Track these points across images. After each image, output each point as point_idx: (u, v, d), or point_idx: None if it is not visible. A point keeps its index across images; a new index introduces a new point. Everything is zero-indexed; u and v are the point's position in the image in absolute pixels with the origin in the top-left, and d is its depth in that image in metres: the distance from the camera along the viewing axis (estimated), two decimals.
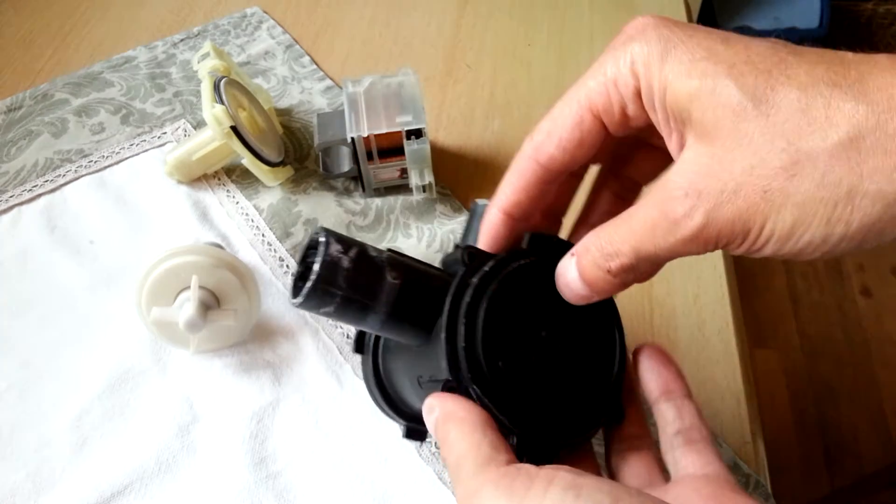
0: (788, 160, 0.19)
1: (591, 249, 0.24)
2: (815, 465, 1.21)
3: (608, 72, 0.24)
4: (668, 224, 0.21)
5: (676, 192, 0.21)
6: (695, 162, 0.21)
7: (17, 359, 0.45)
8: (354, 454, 0.41)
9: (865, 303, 1.43)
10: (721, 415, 0.43)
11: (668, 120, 0.23)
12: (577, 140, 0.25)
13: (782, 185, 0.19)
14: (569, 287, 0.25)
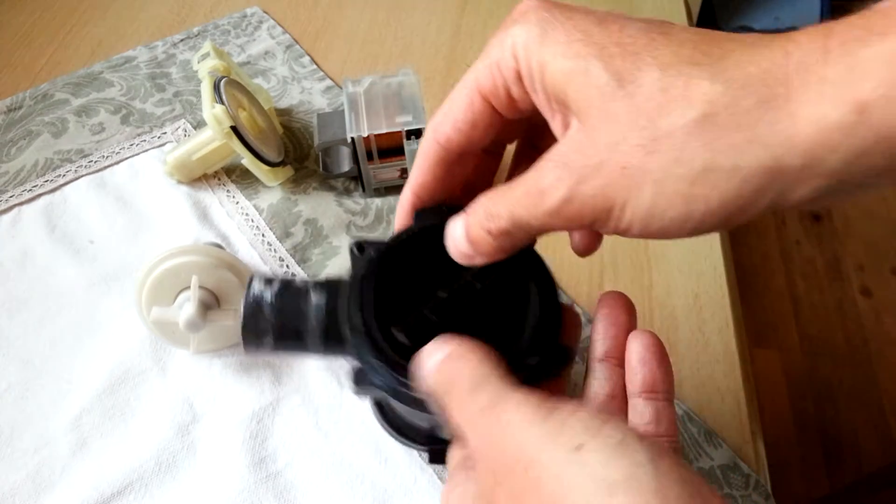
0: (648, 137, 0.20)
1: (478, 211, 0.25)
2: (814, 465, 1.21)
3: (492, 55, 0.24)
4: (537, 193, 0.22)
5: (549, 163, 0.22)
6: (570, 139, 0.22)
7: (17, 359, 0.45)
8: (354, 454, 0.41)
9: (865, 303, 1.43)
10: (721, 415, 0.43)
11: (549, 101, 0.23)
12: (470, 122, 0.26)
13: (641, 162, 0.20)
14: (454, 245, 0.26)
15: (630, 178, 0.20)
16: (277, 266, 0.50)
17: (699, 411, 0.43)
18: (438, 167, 0.28)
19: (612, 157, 0.20)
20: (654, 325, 0.47)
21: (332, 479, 0.40)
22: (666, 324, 0.47)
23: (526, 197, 0.23)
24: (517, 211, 0.23)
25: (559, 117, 0.23)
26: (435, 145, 0.27)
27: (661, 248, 0.51)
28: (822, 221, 1.59)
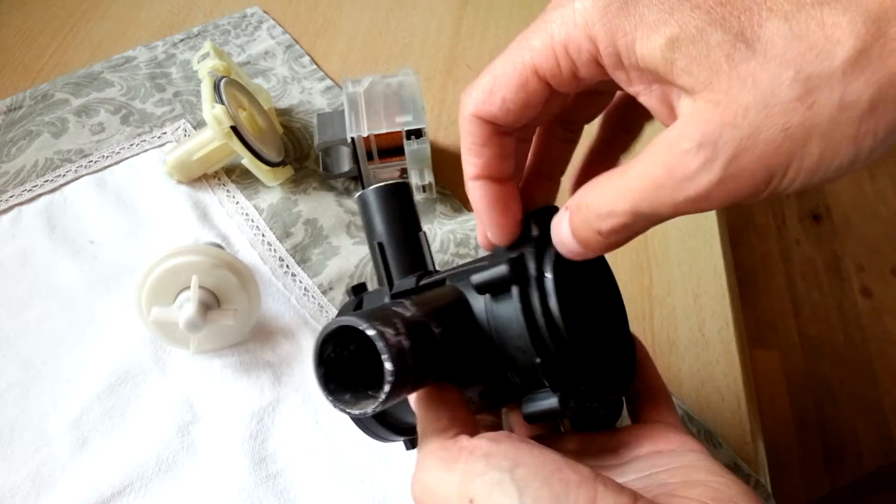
0: (802, 90, 0.18)
1: (581, 207, 0.23)
2: (814, 465, 1.21)
3: (556, 34, 0.22)
4: (677, 181, 0.20)
5: (686, 144, 0.19)
6: (700, 111, 0.20)
7: (17, 359, 0.45)
8: (354, 454, 0.41)
9: (865, 303, 1.43)
10: (721, 415, 0.43)
11: (642, 77, 0.21)
12: (523, 101, 0.23)
13: (803, 117, 0.18)
14: (563, 244, 0.24)
15: (793, 139, 0.19)
16: (277, 266, 0.50)
17: (699, 411, 0.43)
18: (491, 142, 0.25)
19: (768, 120, 0.19)
20: (654, 325, 0.47)
21: (332, 479, 0.40)
22: (666, 324, 0.47)
23: (655, 188, 0.20)
24: (642, 205, 0.21)
25: (656, 90, 0.21)
26: (478, 121, 0.25)
27: (661, 248, 0.51)
28: (822, 221, 1.59)
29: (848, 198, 1.62)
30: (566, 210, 0.24)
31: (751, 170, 0.19)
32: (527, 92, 0.23)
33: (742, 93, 0.19)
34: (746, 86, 0.19)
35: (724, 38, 0.19)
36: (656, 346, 0.46)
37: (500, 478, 0.21)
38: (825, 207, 1.61)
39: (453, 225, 0.52)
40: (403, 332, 0.22)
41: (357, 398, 0.23)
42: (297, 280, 0.49)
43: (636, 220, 0.21)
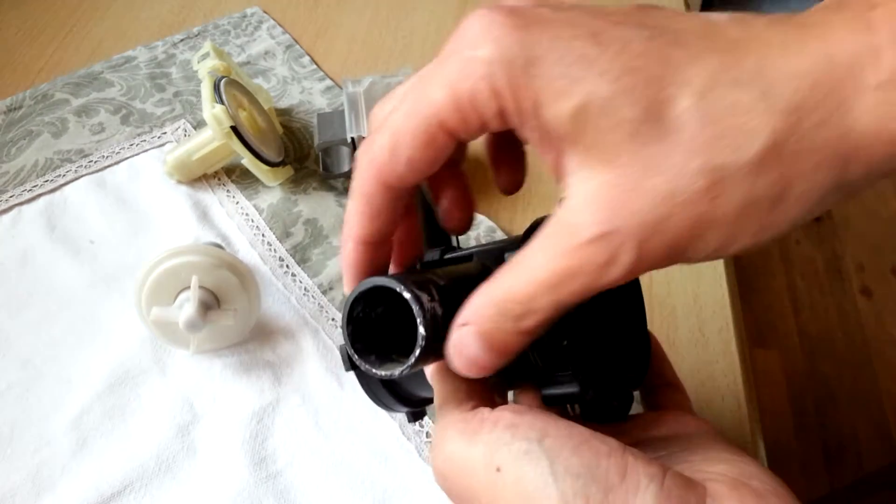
0: (709, 181, 0.18)
1: (490, 315, 0.21)
2: (815, 465, 1.21)
3: (460, 87, 0.20)
4: (593, 270, 0.19)
5: (589, 232, 0.19)
6: (599, 195, 0.19)
7: (17, 359, 0.45)
8: (354, 454, 0.41)
9: (865, 303, 1.44)
10: (721, 415, 0.43)
11: (546, 139, 0.20)
12: (431, 158, 0.22)
13: (708, 208, 0.18)
14: (474, 363, 0.21)
15: (697, 228, 0.18)
16: (277, 266, 0.50)
17: (699, 411, 0.42)
18: (387, 211, 0.23)
19: (674, 210, 0.18)
20: (654, 325, 0.47)
21: (332, 479, 0.40)
22: (666, 324, 0.47)
23: (573, 279, 0.19)
24: (564, 298, 0.20)
25: (554, 155, 0.20)
26: (381, 188, 0.23)
27: None
28: (822, 221, 1.59)
29: None
30: (462, 326, 0.21)
31: (657, 253, 0.19)
32: (435, 148, 0.21)
33: (646, 177, 0.18)
34: (650, 170, 0.18)
35: (632, 112, 0.18)
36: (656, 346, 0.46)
37: (528, 447, 0.20)
38: None
39: None
40: (437, 298, 0.22)
41: (382, 361, 0.22)
42: (297, 280, 0.49)
43: (559, 311, 0.20)
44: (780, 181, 0.18)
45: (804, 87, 0.17)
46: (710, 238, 0.19)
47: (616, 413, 0.28)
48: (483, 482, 0.21)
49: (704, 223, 0.18)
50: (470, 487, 0.21)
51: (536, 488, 0.20)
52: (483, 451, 0.21)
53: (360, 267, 0.25)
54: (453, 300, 0.22)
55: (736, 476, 0.21)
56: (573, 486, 0.19)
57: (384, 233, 0.24)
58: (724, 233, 0.18)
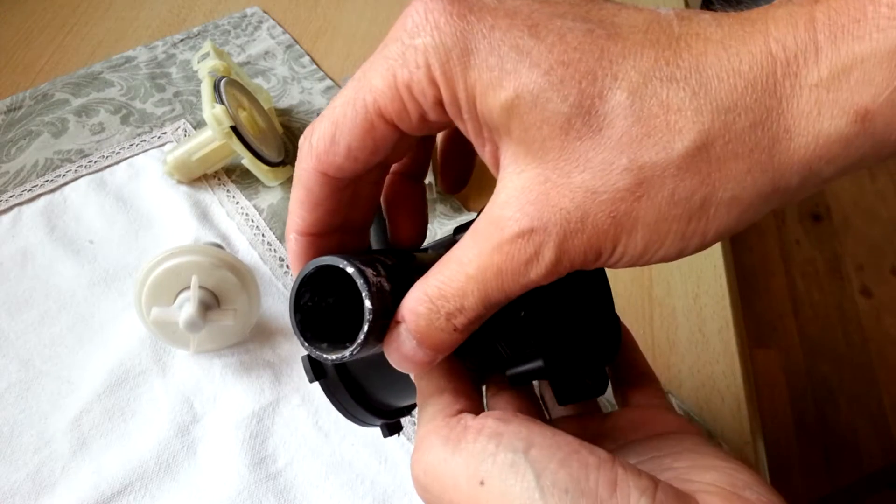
0: (633, 180, 0.17)
1: (422, 312, 0.20)
2: (815, 465, 1.21)
3: (398, 74, 0.20)
4: (518, 266, 0.19)
5: (515, 227, 0.18)
6: (527, 189, 0.18)
7: (17, 359, 0.45)
8: (354, 454, 0.41)
9: (865, 303, 1.44)
10: (721, 415, 0.43)
11: (480, 131, 0.20)
12: (371, 148, 0.21)
13: (630, 208, 0.18)
14: (410, 360, 0.21)
15: (619, 226, 0.18)
16: (277, 266, 0.50)
17: (699, 411, 0.43)
18: (327, 201, 0.23)
19: (596, 206, 0.18)
20: (654, 325, 0.47)
21: (332, 479, 0.40)
22: (666, 324, 0.47)
23: (499, 275, 0.19)
24: (492, 294, 0.19)
25: (490, 147, 0.20)
26: (321, 177, 0.22)
27: None
28: (822, 221, 1.59)
29: (848, 198, 1.62)
30: (398, 324, 0.21)
31: (580, 249, 0.18)
32: (374, 138, 0.21)
33: (573, 173, 0.18)
34: (578, 166, 0.18)
35: (561, 107, 0.17)
36: (656, 347, 0.46)
37: (513, 459, 0.19)
38: (825, 207, 1.61)
39: (453, 224, 0.52)
40: (384, 274, 0.21)
41: (334, 348, 0.21)
42: None
43: (488, 308, 0.20)
44: (706, 184, 0.17)
45: (740, 85, 0.17)
46: (633, 240, 0.18)
47: (591, 390, 0.27)
48: (465, 495, 0.20)
49: (627, 223, 0.18)
50: (452, 500, 0.20)
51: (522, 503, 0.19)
52: (466, 463, 0.20)
53: (303, 260, 0.24)
54: (402, 279, 0.22)
55: (728, 486, 0.20)
56: (561, 500, 0.18)
57: (327, 223, 0.23)
58: (646, 236, 0.18)
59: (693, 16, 0.18)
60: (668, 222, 0.18)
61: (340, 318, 0.23)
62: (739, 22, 0.18)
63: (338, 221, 0.24)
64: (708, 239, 0.18)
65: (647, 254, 0.19)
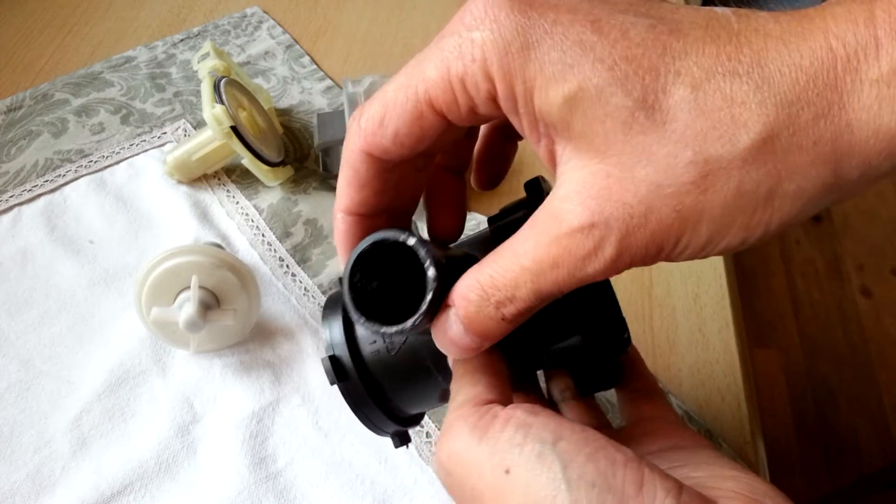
0: (698, 173, 0.17)
1: (472, 298, 0.21)
2: (815, 465, 1.21)
3: (452, 67, 0.20)
4: (576, 260, 0.19)
5: (576, 222, 0.18)
6: (590, 184, 0.18)
7: (17, 359, 0.45)
8: (354, 454, 0.41)
9: (865, 303, 1.44)
10: (721, 415, 0.43)
11: (536, 126, 0.20)
12: (417, 135, 0.21)
13: (695, 201, 0.18)
14: (455, 344, 0.22)
15: (684, 220, 0.18)
16: (277, 266, 0.50)
17: (699, 411, 0.43)
18: (374, 181, 0.23)
19: (660, 200, 0.18)
20: (654, 325, 0.47)
21: (332, 479, 0.40)
22: (666, 324, 0.47)
23: (555, 268, 0.19)
24: (545, 287, 0.19)
25: (545, 142, 0.20)
26: (367, 158, 0.23)
27: None
28: (822, 221, 1.59)
29: None
30: (449, 307, 0.21)
31: (643, 245, 0.18)
32: (422, 126, 0.21)
33: (636, 167, 0.18)
34: (641, 161, 0.18)
35: (624, 102, 0.18)
36: (656, 346, 0.46)
37: (540, 450, 0.19)
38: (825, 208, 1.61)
39: None
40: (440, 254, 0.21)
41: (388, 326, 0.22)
42: (297, 280, 0.49)
43: (539, 301, 0.20)
44: (772, 175, 0.17)
45: (802, 79, 0.17)
46: (697, 233, 0.18)
47: (611, 379, 0.28)
48: (489, 483, 0.20)
49: (692, 217, 0.18)
50: (475, 487, 0.20)
51: (547, 495, 0.18)
52: (492, 451, 0.20)
53: (350, 239, 0.24)
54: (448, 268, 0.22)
55: (749, 493, 0.20)
56: (587, 494, 0.18)
57: (373, 204, 0.24)
58: (711, 228, 0.18)
59: (750, 13, 0.19)
60: (734, 214, 0.18)
61: (386, 300, 0.23)
62: (797, 19, 0.18)
63: (383, 204, 0.24)
64: (772, 229, 0.18)
65: (710, 246, 0.19)
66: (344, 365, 0.28)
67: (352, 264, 0.22)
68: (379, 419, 0.29)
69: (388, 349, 0.27)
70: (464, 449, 0.21)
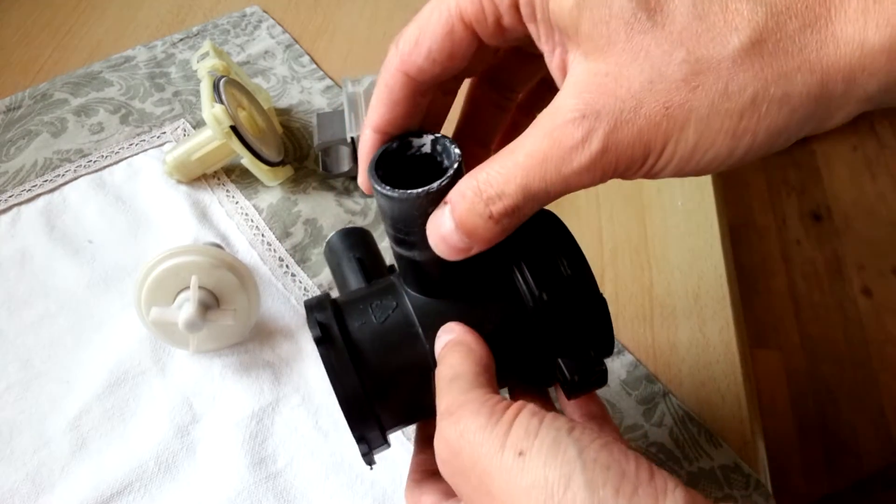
0: (689, 71, 0.18)
1: (467, 195, 0.21)
2: (815, 465, 1.21)
3: None
4: (562, 153, 0.19)
5: (570, 114, 0.19)
6: (588, 81, 0.19)
7: (17, 359, 0.45)
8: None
9: (866, 303, 1.43)
10: (721, 415, 0.43)
11: (551, 34, 0.21)
12: (448, 51, 0.23)
13: (685, 99, 0.18)
14: (445, 242, 0.22)
15: (672, 119, 0.19)
16: (277, 266, 0.50)
17: (699, 411, 0.43)
18: (405, 102, 0.24)
19: (651, 96, 0.19)
20: (654, 325, 0.47)
21: (332, 479, 0.40)
22: (666, 324, 0.47)
23: (543, 163, 0.20)
24: (532, 182, 0.20)
25: (558, 52, 0.21)
26: (403, 77, 0.24)
27: (661, 248, 0.51)
28: (822, 221, 1.59)
29: (848, 198, 1.62)
30: (445, 204, 0.22)
31: (629, 143, 0.19)
32: (453, 40, 0.22)
33: (633, 65, 0.19)
34: (638, 59, 0.19)
35: (628, 4, 0.19)
36: (656, 347, 0.46)
37: (556, 435, 0.20)
38: (825, 207, 1.61)
39: None
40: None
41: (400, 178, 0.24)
42: (297, 280, 0.49)
43: (526, 200, 0.21)
44: (758, 78, 0.18)
45: None
46: (684, 136, 0.19)
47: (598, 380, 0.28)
48: (499, 464, 0.20)
49: (680, 116, 0.18)
50: (485, 469, 0.20)
51: (563, 474, 0.19)
52: (505, 433, 0.20)
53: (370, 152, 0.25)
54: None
55: None
56: (603, 475, 0.19)
57: (401, 125, 0.25)
58: (697, 130, 0.19)
59: None
60: (721, 117, 0.18)
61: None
62: None
63: (410, 126, 0.25)
64: (758, 139, 0.19)
65: (697, 154, 0.19)
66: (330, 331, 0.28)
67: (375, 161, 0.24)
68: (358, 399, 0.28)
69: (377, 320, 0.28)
70: (477, 429, 0.21)
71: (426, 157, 0.25)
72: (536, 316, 0.26)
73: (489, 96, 0.28)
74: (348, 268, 0.33)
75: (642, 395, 0.43)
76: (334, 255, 0.35)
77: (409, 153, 0.25)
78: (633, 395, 0.43)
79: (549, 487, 0.19)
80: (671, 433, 0.42)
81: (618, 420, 0.43)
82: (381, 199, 0.24)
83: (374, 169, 0.24)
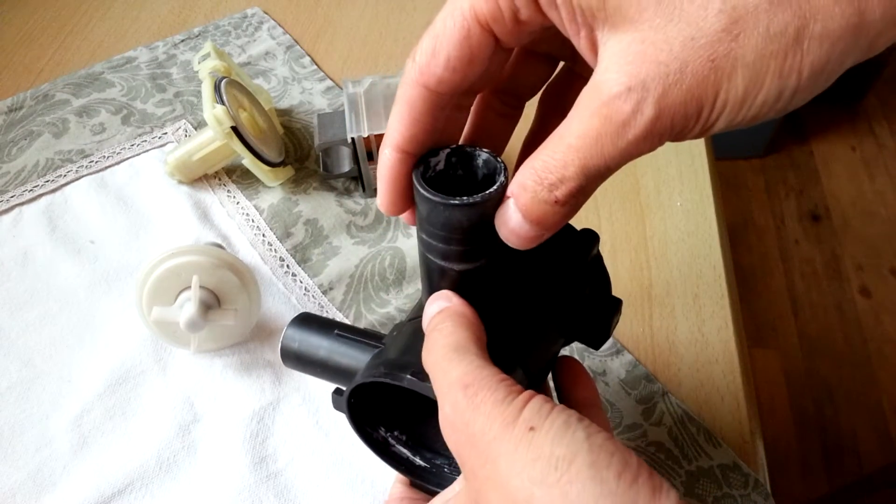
0: (728, 20, 0.18)
1: (528, 185, 0.22)
2: (814, 465, 1.21)
3: None
4: (616, 128, 0.19)
5: (615, 88, 0.19)
6: (626, 52, 0.19)
7: (18, 358, 0.45)
8: (354, 454, 0.41)
9: (865, 303, 1.44)
10: (721, 415, 0.43)
11: (574, 16, 0.20)
12: (468, 57, 0.22)
13: (728, 48, 0.18)
14: (516, 234, 0.23)
15: (719, 70, 0.18)
16: (278, 266, 0.50)
17: (699, 411, 0.43)
18: (426, 117, 0.24)
19: (694, 52, 0.18)
20: (654, 325, 0.47)
21: (332, 478, 0.40)
22: (665, 324, 0.47)
23: (597, 140, 0.20)
24: (591, 161, 0.20)
25: (585, 33, 0.21)
26: (423, 91, 0.23)
27: (661, 248, 0.51)
28: (821, 221, 1.59)
29: (847, 198, 1.62)
30: (508, 198, 0.23)
31: (681, 103, 0.19)
32: (471, 44, 0.22)
33: (668, 27, 0.19)
34: (673, 19, 0.19)
35: None
36: (656, 346, 0.46)
37: (567, 419, 0.21)
38: (824, 207, 1.61)
39: None
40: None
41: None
42: (298, 280, 0.49)
43: (588, 179, 0.21)
44: (798, 16, 0.18)
45: None
46: (734, 84, 0.19)
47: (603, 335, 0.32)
48: (510, 436, 0.21)
49: (726, 66, 0.18)
50: (494, 438, 0.21)
51: (569, 452, 0.20)
52: (518, 409, 0.21)
53: (394, 174, 0.25)
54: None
55: None
56: (607, 459, 0.19)
57: (421, 142, 0.24)
58: (746, 77, 0.18)
59: None
60: (766, 59, 0.18)
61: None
62: None
63: (429, 143, 0.25)
64: (804, 77, 0.19)
65: (748, 100, 0.19)
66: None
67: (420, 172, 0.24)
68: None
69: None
70: (493, 404, 0.22)
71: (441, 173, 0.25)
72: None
73: (495, 107, 0.28)
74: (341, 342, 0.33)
75: (641, 395, 0.43)
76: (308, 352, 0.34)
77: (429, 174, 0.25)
78: (633, 395, 0.43)
79: (554, 461, 0.20)
80: (670, 432, 0.42)
81: (617, 419, 0.43)
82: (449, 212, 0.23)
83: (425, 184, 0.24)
